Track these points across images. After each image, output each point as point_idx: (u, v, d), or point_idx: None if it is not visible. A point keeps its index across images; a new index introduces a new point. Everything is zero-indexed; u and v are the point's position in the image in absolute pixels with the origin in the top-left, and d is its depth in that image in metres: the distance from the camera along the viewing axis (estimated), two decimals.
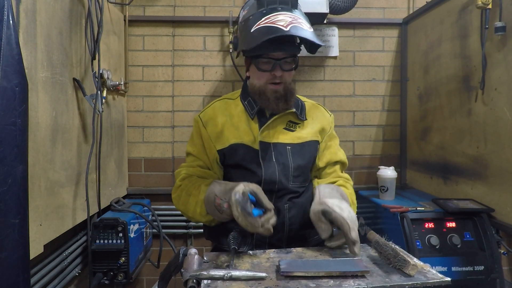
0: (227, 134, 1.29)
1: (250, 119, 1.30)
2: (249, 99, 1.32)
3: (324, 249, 1.11)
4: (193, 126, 1.37)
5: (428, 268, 0.94)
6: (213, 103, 1.38)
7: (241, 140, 1.27)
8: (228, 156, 1.29)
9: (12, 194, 0.94)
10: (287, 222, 1.26)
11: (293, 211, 1.26)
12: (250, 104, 1.31)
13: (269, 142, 1.28)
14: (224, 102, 1.38)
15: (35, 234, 1.18)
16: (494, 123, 1.51)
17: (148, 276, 2.26)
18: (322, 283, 0.86)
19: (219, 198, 1.12)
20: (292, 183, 1.28)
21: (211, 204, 1.14)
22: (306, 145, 1.32)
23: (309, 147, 1.32)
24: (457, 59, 1.75)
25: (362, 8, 2.30)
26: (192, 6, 2.25)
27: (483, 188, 1.59)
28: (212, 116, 1.33)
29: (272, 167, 1.26)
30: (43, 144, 1.26)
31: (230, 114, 1.33)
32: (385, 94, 2.33)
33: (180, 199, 1.28)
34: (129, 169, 2.25)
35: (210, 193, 1.16)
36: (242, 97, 1.35)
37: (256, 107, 1.29)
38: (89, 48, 1.60)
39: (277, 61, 1.21)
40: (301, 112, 1.35)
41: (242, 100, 1.34)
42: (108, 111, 1.91)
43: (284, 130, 1.31)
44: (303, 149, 1.31)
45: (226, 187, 1.14)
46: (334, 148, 1.40)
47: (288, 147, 1.29)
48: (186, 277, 0.86)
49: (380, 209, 1.78)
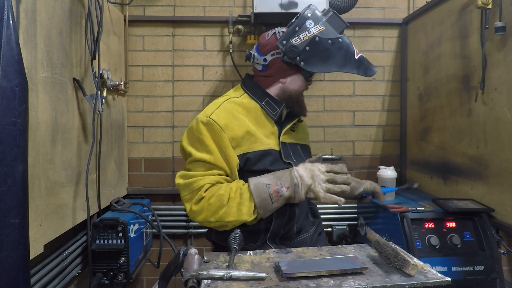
0: (250, 138, 1.24)
1: (270, 119, 1.32)
2: (267, 100, 1.32)
3: (324, 249, 1.11)
4: (205, 129, 1.21)
5: (428, 268, 0.94)
6: (222, 104, 1.28)
7: (269, 146, 1.28)
8: (254, 162, 1.24)
9: (12, 194, 0.94)
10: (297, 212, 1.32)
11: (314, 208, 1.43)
12: (270, 105, 1.32)
13: (286, 142, 1.36)
14: (233, 102, 1.30)
15: (35, 234, 1.18)
16: (494, 123, 1.51)
17: (148, 276, 2.26)
18: (322, 283, 0.86)
19: (274, 184, 1.15)
20: None
21: (262, 194, 1.14)
22: (306, 146, 1.49)
23: (308, 149, 1.50)
24: (457, 59, 1.75)
25: (362, 8, 2.30)
26: (192, 6, 2.25)
27: (483, 188, 1.59)
28: (229, 119, 1.23)
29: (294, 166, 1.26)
30: (43, 144, 1.26)
31: (247, 115, 1.28)
32: (385, 94, 2.33)
33: (210, 208, 1.15)
34: (129, 169, 2.25)
35: (258, 185, 1.15)
36: (256, 96, 1.33)
37: (278, 108, 1.32)
38: (89, 48, 1.60)
39: None
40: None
41: (258, 100, 1.32)
42: (108, 111, 1.91)
43: (289, 131, 1.39)
44: (307, 149, 1.49)
45: (276, 174, 1.18)
46: None
47: (298, 147, 1.41)
48: (186, 277, 0.86)
49: (380, 209, 1.79)
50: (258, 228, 1.24)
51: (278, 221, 1.25)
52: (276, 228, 1.26)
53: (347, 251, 1.09)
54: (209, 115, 1.22)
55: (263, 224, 1.24)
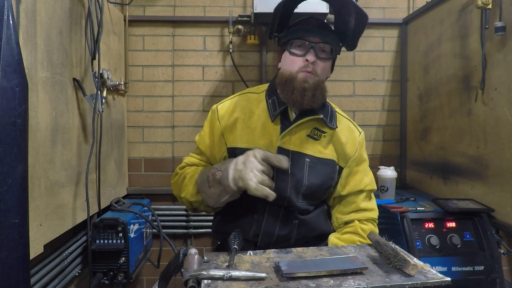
0: (241, 134, 1.18)
1: (271, 121, 1.16)
2: (274, 98, 1.18)
3: (324, 249, 1.11)
4: (209, 115, 1.26)
5: (428, 268, 0.94)
6: (235, 96, 1.26)
7: (254, 145, 1.14)
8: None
9: (12, 194, 0.94)
10: (294, 237, 1.19)
11: (303, 227, 1.19)
12: (274, 104, 1.17)
13: (288, 149, 1.15)
14: (246, 98, 1.24)
15: (35, 234, 1.18)
16: (494, 123, 1.51)
17: (148, 276, 2.26)
18: (322, 283, 0.86)
19: (215, 168, 1.09)
20: (301, 201, 1.17)
21: (203, 177, 1.11)
22: (325, 162, 1.18)
23: (327, 166, 1.18)
24: (457, 59, 1.75)
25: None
26: (192, 6, 2.25)
27: (483, 188, 1.59)
28: (229, 110, 1.21)
29: (285, 182, 1.14)
30: (43, 144, 1.26)
31: (250, 111, 1.20)
32: (385, 94, 2.33)
33: (177, 183, 1.25)
34: (129, 169, 2.25)
35: (206, 168, 1.15)
36: (267, 93, 1.21)
37: (280, 108, 1.15)
38: (89, 48, 1.60)
39: (312, 44, 1.09)
40: (331, 119, 1.20)
41: (267, 97, 1.20)
42: (108, 111, 1.91)
43: (307, 138, 1.17)
44: (321, 166, 1.17)
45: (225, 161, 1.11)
46: (360, 174, 1.23)
47: (307, 159, 1.16)
48: (186, 277, 0.86)
49: (380, 209, 1.78)
50: (247, 237, 1.19)
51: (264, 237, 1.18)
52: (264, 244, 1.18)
53: (347, 251, 1.09)
54: (218, 103, 1.27)
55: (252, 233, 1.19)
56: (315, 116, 1.16)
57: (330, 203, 1.28)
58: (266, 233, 1.18)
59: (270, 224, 1.17)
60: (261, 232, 1.18)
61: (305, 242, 1.20)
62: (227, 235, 1.17)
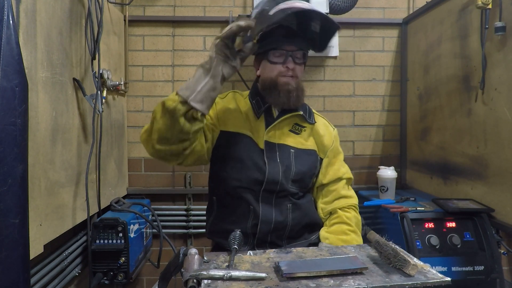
0: (236, 121, 1.30)
1: (256, 118, 1.30)
2: (257, 99, 1.32)
3: (324, 249, 1.11)
4: None
5: (428, 268, 0.94)
6: (229, 92, 1.41)
7: (249, 133, 1.28)
8: (229, 144, 1.28)
9: (12, 194, 0.94)
10: (290, 222, 1.27)
11: (297, 212, 1.29)
12: (258, 104, 1.31)
13: (274, 142, 1.29)
14: (235, 96, 1.39)
15: (35, 234, 1.18)
16: (494, 123, 1.51)
17: (148, 276, 2.26)
18: (322, 283, 0.86)
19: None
20: (291, 186, 1.29)
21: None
22: (308, 152, 1.34)
23: (310, 156, 1.34)
24: (457, 59, 1.75)
25: (362, 8, 2.30)
26: (192, 6, 2.25)
27: (483, 188, 1.59)
28: (225, 99, 1.36)
29: (276, 168, 1.27)
30: (43, 144, 1.26)
31: (238, 107, 1.34)
32: (385, 94, 2.33)
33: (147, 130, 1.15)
34: (129, 169, 2.25)
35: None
36: (250, 96, 1.35)
37: (264, 106, 1.30)
38: (89, 48, 1.60)
39: (289, 52, 1.23)
40: (309, 116, 1.37)
41: (251, 99, 1.34)
42: (108, 111, 1.91)
43: (289, 133, 1.33)
44: (305, 156, 1.33)
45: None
46: (338, 164, 1.40)
47: (292, 151, 1.31)
48: (186, 277, 0.86)
49: (380, 209, 1.79)
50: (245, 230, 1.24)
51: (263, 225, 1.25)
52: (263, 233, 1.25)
53: (347, 251, 1.09)
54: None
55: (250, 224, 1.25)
56: (296, 112, 1.31)
57: (314, 195, 1.42)
58: (264, 220, 1.25)
59: (267, 211, 1.26)
60: (259, 221, 1.25)
61: (299, 228, 1.30)
62: (223, 233, 1.19)
